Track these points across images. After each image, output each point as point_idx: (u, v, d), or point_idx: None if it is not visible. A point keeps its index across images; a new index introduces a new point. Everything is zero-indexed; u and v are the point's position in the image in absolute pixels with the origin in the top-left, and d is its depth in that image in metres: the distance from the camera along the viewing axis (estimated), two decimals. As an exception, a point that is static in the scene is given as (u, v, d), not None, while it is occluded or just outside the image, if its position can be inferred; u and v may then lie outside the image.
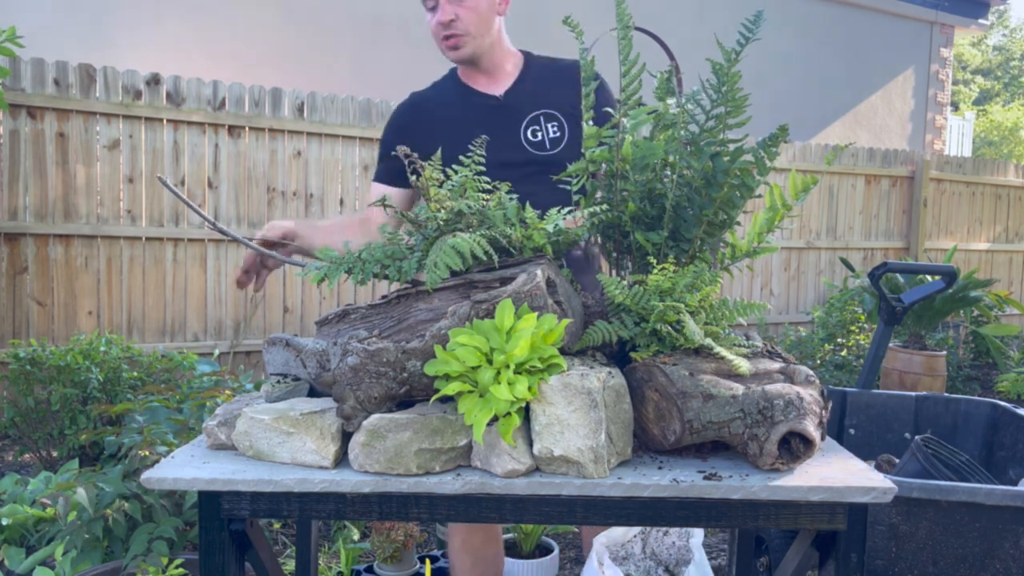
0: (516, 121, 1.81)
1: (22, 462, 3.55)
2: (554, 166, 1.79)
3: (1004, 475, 2.38)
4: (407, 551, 2.46)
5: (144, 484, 1.07)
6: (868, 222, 6.82)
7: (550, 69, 1.88)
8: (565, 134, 1.82)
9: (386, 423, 1.07)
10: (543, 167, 1.78)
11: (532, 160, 1.79)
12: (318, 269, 1.26)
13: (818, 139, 9.18)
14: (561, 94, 1.83)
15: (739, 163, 1.20)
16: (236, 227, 4.44)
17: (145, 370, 3.48)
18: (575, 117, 1.83)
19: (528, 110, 1.82)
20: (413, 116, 1.87)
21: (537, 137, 1.81)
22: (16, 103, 3.87)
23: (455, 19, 1.73)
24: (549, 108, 1.82)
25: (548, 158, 1.80)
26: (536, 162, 1.79)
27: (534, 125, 1.81)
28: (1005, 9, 26.76)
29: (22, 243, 3.94)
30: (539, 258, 1.21)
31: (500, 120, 1.80)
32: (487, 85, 1.84)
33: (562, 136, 1.82)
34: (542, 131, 1.81)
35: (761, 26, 1.18)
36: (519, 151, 1.78)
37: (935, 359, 4.40)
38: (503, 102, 1.82)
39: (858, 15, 9.49)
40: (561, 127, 1.82)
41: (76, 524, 2.06)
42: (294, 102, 4.55)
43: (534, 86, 1.84)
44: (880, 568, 1.91)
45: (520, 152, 1.78)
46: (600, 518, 1.09)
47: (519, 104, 1.82)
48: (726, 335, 1.22)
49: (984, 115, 20.00)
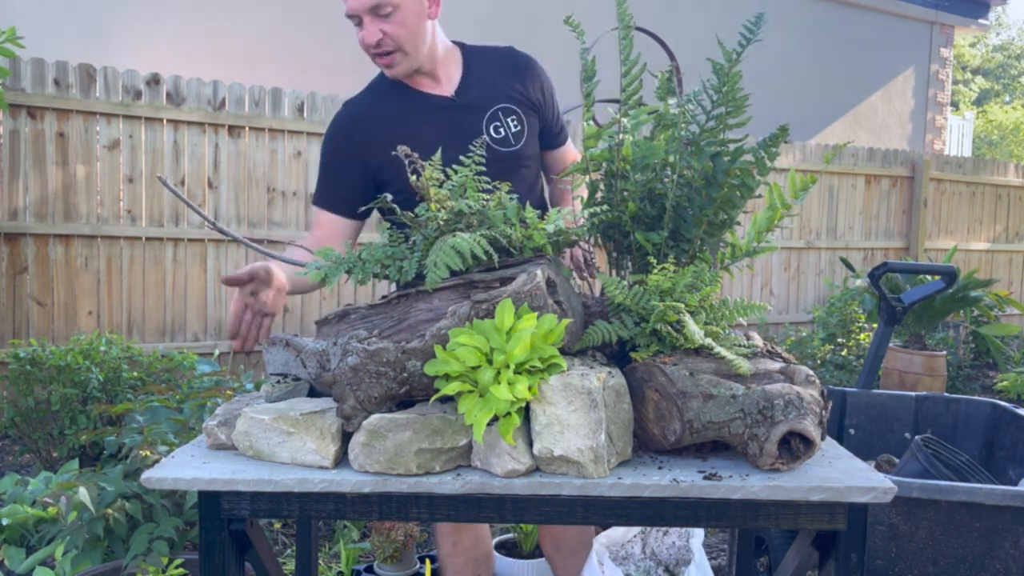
0: (477, 120, 1.73)
1: (22, 462, 3.55)
2: (519, 160, 1.77)
3: (1004, 475, 2.38)
4: (407, 551, 2.46)
5: (144, 484, 1.07)
6: (868, 222, 6.82)
7: (489, 59, 1.80)
8: (524, 126, 1.77)
9: (386, 423, 1.07)
10: (510, 163, 1.75)
11: (501, 157, 1.73)
12: (318, 269, 1.26)
13: (818, 139, 9.18)
14: (508, 84, 1.77)
15: (739, 163, 1.20)
16: (236, 227, 4.44)
17: (145, 370, 3.48)
18: (525, 105, 1.78)
19: (485, 107, 1.74)
20: (358, 128, 1.74)
21: (500, 133, 1.74)
22: (16, 103, 3.87)
23: (382, 37, 1.63)
24: (503, 102, 1.76)
25: (513, 153, 1.75)
26: (504, 159, 1.74)
27: (495, 121, 1.75)
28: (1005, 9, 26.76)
29: (22, 243, 3.94)
30: (539, 258, 1.21)
31: (460, 120, 1.72)
32: (432, 87, 1.75)
33: (522, 129, 1.77)
34: (504, 127, 1.75)
35: (762, 27, 1.18)
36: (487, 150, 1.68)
37: (935, 359, 4.40)
38: (458, 102, 1.74)
39: (858, 15, 9.49)
40: (519, 119, 1.76)
41: (76, 524, 2.06)
42: (294, 102, 4.55)
43: (481, 80, 1.77)
44: (880, 568, 1.91)
45: (488, 151, 1.69)
46: (600, 518, 1.09)
47: (474, 102, 1.74)
48: (726, 335, 1.22)
49: (984, 115, 20.00)
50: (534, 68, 1.82)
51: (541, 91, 1.82)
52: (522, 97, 1.78)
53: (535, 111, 1.81)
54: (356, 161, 1.73)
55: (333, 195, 1.75)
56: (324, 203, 1.77)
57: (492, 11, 7.27)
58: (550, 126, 1.86)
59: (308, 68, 6.57)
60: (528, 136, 1.78)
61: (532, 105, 1.80)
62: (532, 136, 1.80)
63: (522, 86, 1.79)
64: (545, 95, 1.83)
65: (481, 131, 1.73)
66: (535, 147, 1.83)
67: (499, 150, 1.74)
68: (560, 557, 1.97)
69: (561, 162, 1.94)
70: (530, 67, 1.81)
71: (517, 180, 1.75)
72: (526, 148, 1.78)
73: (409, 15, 1.63)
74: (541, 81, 1.82)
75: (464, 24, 7.16)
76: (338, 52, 6.78)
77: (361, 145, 1.72)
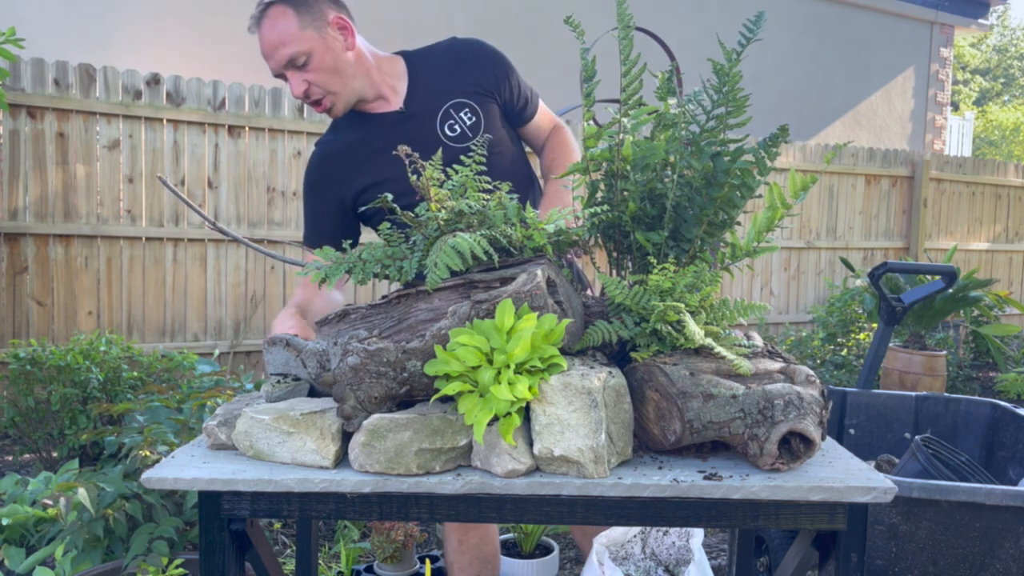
0: (429, 124, 1.74)
1: (22, 462, 3.55)
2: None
3: (1004, 475, 2.38)
4: (407, 551, 2.46)
5: (144, 484, 1.07)
6: (868, 222, 6.82)
7: (431, 60, 1.80)
8: (480, 116, 1.76)
9: (386, 423, 1.07)
10: None
11: (460, 152, 1.72)
12: (319, 269, 1.26)
13: (818, 139, 9.18)
14: (454, 79, 1.77)
15: (740, 163, 1.20)
16: (236, 227, 4.44)
17: (145, 370, 3.48)
18: (477, 94, 1.76)
19: (436, 108, 1.75)
20: (327, 167, 1.78)
21: (456, 131, 1.75)
22: (16, 103, 3.87)
23: (308, 87, 1.66)
24: (453, 98, 1.75)
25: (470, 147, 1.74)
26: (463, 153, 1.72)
27: (448, 120, 1.75)
28: (1005, 9, 26.76)
29: (22, 243, 3.94)
30: (539, 258, 1.21)
31: (413, 130, 1.73)
32: (383, 105, 1.76)
33: (478, 120, 1.76)
34: (458, 122, 1.75)
35: (762, 27, 1.18)
36: (445, 150, 1.70)
37: (935, 359, 4.40)
38: (408, 112, 1.75)
39: (858, 15, 9.49)
40: (474, 110, 1.76)
41: (77, 524, 2.06)
42: (294, 102, 4.55)
43: (427, 83, 1.77)
44: (880, 568, 1.91)
45: (446, 151, 1.70)
46: (600, 518, 1.09)
47: (423, 107, 1.75)
48: (726, 335, 1.22)
49: (984, 115, 20.01)
50: (479, 53, 1.80)
51: (492, 74, 1.79)
52: (472, 87, 1.77)
53: (489, 96, 1.79)
54: (333, 199, 1.78)
55: (321, 237, 1.80)
56: (315, 245, 1.81)
57: (492, 11, 7.27)
58: (511, 104, 1.83)
59: (308, 68, 6.56)
60: (487, 124, 1.77)
61: (484, 91, 1.78)
62: (492, 121, 1.78)
63: (470, 75, 1.77)
64: (498, 76, 1.79)
65: (436, 133, 1.74)
66: (499, 131, 1.80)
67: (457, 147, 1.73)
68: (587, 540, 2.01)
69: (539, 130, 1.91)
70: (474, 53, 1.79)
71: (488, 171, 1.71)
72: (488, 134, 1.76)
73: (325, 58, 1.65)
74: (491, 64, 1.79)
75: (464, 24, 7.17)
76: (338, 52, 6.79)
77: (334, 183, 1.77)
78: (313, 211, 1.82)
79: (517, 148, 1.88)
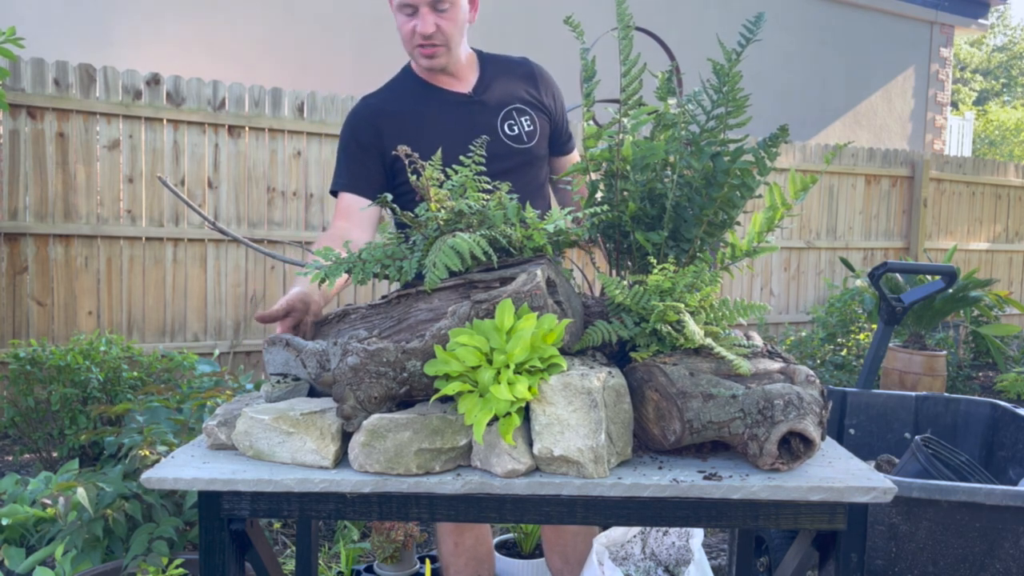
0: (492, 115, 1.81)
1: (22, 462, 3.55)
2: (531, 158, 1.85)
3: (1004, 475, 2.38)
4: (407, 551, 2.46)
5: (144, 484, 1.07)
6: (868, 222, 6.82)
7: (504, 65, 1.90)
8: (536, 127, 1.85)
9: (386, 423, 1.07)
10: (523, 159, 1.82)
11: (514, 153, 1.81)
12: (318, 269, 1.26)
13: (818, 139, 9.18)
14: (521, 88, 1.88)
15: (739, 163, 1.20)
16: (236, 227, 4.44)
17: (145, 370, 3.48)
18: (538, 108, 1.88)
19: (500, 105, 1.83)
20: (377, 121, 1.79)
21: (514, 131, 1.83)
22: (16, 103, 3.87)
23: (436, 30, 1.71)
24: (517, 102, 1.85)
25: (525, 150, 1.83)
26: (517, 154, 1.82)
27: (509, 119, 1.83)
28: (1005, 9, 26.76)
29: (22, 243, 3.94)
30: (539, 258, 1.21)
31: (476, 116, 1.80)
32: (452, 84, 1.83)
33: (535, 129, 1.85)
34: (517, 125, 1.83)
35: (762, 27, 1.18)
36: (499, 145, 1.79)
37: (935, 359, 4.40)
38: (474, 98, 1.82)
39: (858, 15, 9.49)
40: (532, 120, 1.85)
41: (76, 524, 2.06)
42: (294, 102, 4.55)
43: (496, 82, 1.86)
44: (880, 568, 1.91)
45: (500, 146, 1.79)
46: (600, 518, 1.09)
47: (490, 99, 1.83)
48: (726, 335, 1.22)
49: (984, 115, 20.01)
50: (546, 77, 1.95)
51: (552, 98, 1.93)
52: (535, 100, 1.88)
53: (547, 115, 1.90)
54: (375, 150, 1.79)
55: (355, 177, 1.79)
56: (347, 187, 1.79)
57: (492, 11, 7.26)
58: (560, 132, 1.96)
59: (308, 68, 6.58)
60: (540, 137, 1.87)
61: (544, 109, 1.89)
62: (543, 138, 1.88)
63: (535, 91, 1.89)
64: (556, 102, 1.94)
65: (496, 126, 1.80)
66: (546, 149, 1.91)
67: (513, 146, 1.82)
68: (568, 570, 1.98)
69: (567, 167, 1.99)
70: (542, 75, 1.94)
71: (529, 178, 1.84)
72: (538, 148, 1.86)
73: (460, 14, 1.74)
74: (552, 89, 1.94)
75: (464, 24, 7.17)
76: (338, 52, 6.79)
77: (380, 135, 1.78)
78: (350, 152, 1.81)
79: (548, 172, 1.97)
